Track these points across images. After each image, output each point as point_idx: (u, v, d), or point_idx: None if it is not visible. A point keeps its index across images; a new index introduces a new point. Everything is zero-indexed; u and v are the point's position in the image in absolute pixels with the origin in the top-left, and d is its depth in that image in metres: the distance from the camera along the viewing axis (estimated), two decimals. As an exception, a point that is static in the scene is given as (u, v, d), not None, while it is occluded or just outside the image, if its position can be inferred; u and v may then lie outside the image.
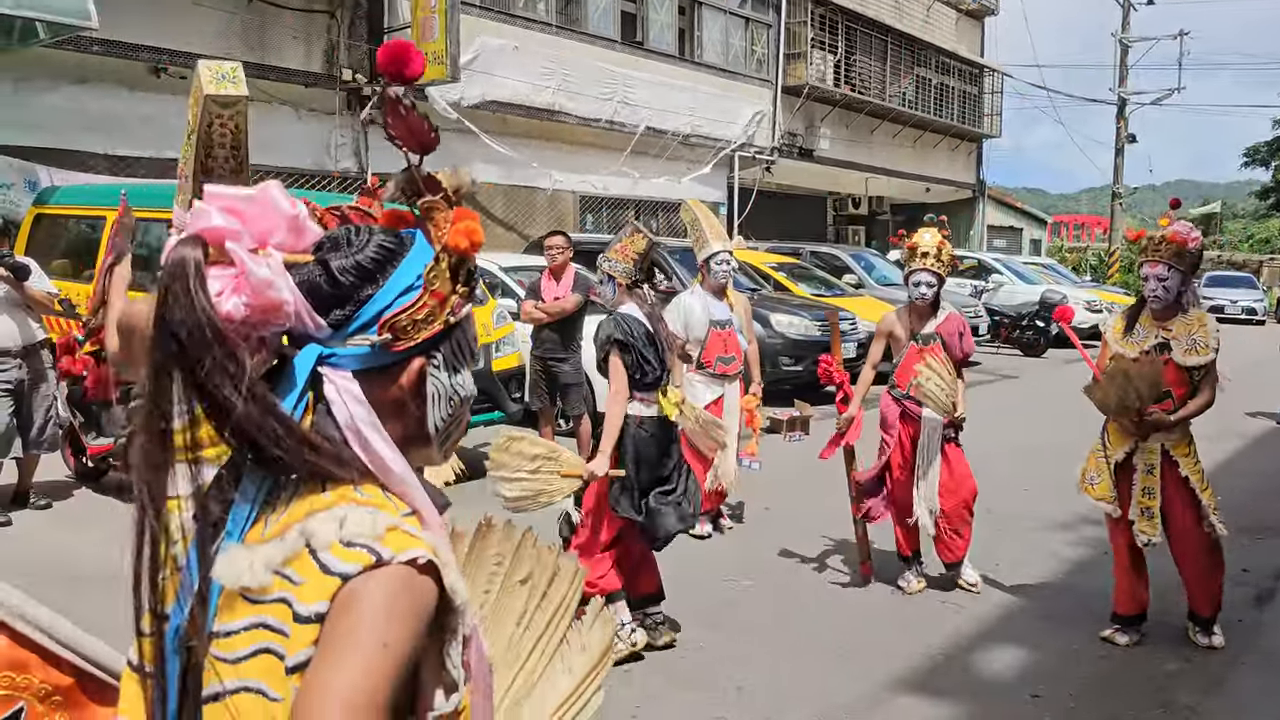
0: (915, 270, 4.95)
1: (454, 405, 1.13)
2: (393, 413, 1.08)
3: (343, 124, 12.08)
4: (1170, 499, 4.28)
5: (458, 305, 1.10)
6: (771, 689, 3.94)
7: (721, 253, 5.87)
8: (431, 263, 1.08)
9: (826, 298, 12.73)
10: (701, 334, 5.86)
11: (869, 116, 21.38)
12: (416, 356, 1.08)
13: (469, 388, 1.15)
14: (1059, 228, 50.02)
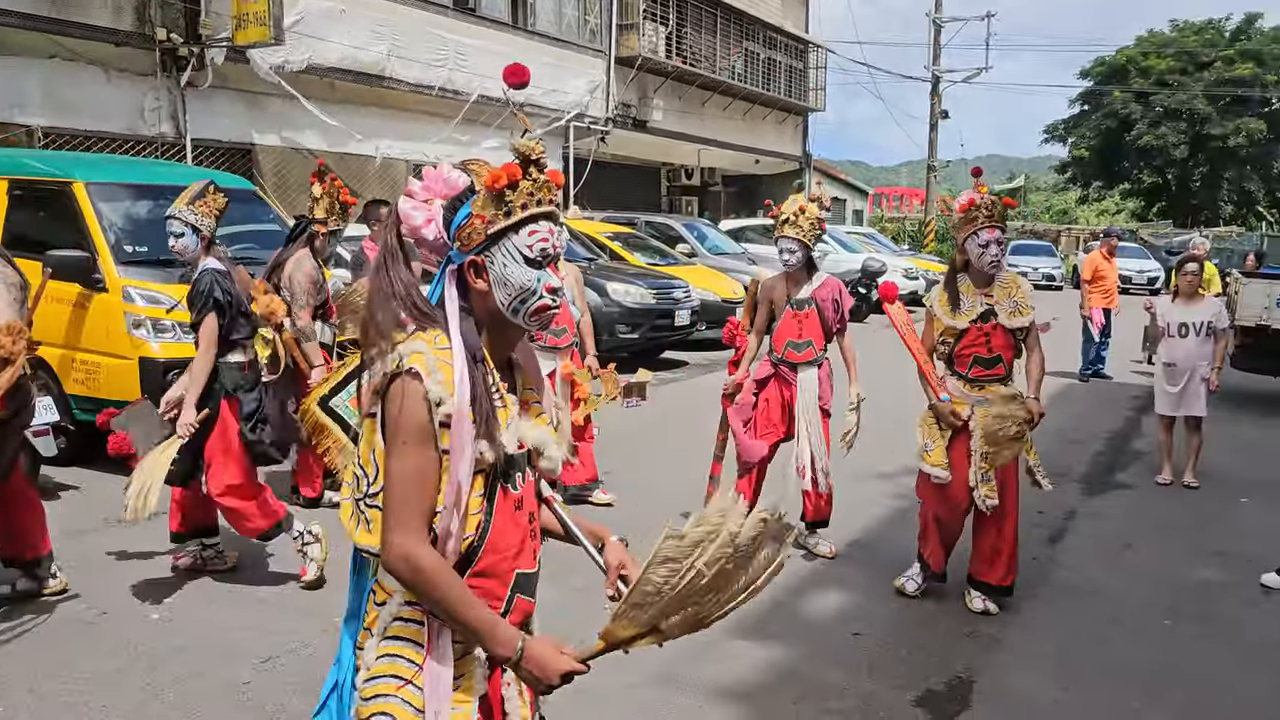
0: (779, 238, 5.08)
1: (511, 288, 1.74)
2: (475, 291, 1.76)
3: (159, 86, 11.42)
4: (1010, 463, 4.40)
5: (493, 222, 1.72)
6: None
7: None
8: (475, 198, 1.73)
9: (661, 267, 13.00)
10: None
11: (700, 89, 21.77)
12: (479, 255, 1.74)
13: (523, 277, 1.73)
14: (880, 199, 52.39)
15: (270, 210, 7.96)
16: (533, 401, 1.87)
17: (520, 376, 1.87)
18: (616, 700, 3.62)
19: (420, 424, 1.63)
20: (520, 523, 1.78)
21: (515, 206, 1.72)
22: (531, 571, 1.83)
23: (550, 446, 1.84)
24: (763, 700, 3.68)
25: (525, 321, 1.77)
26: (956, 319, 4.35)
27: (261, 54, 11.85)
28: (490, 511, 1.72)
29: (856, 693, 3.75)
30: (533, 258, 1.74)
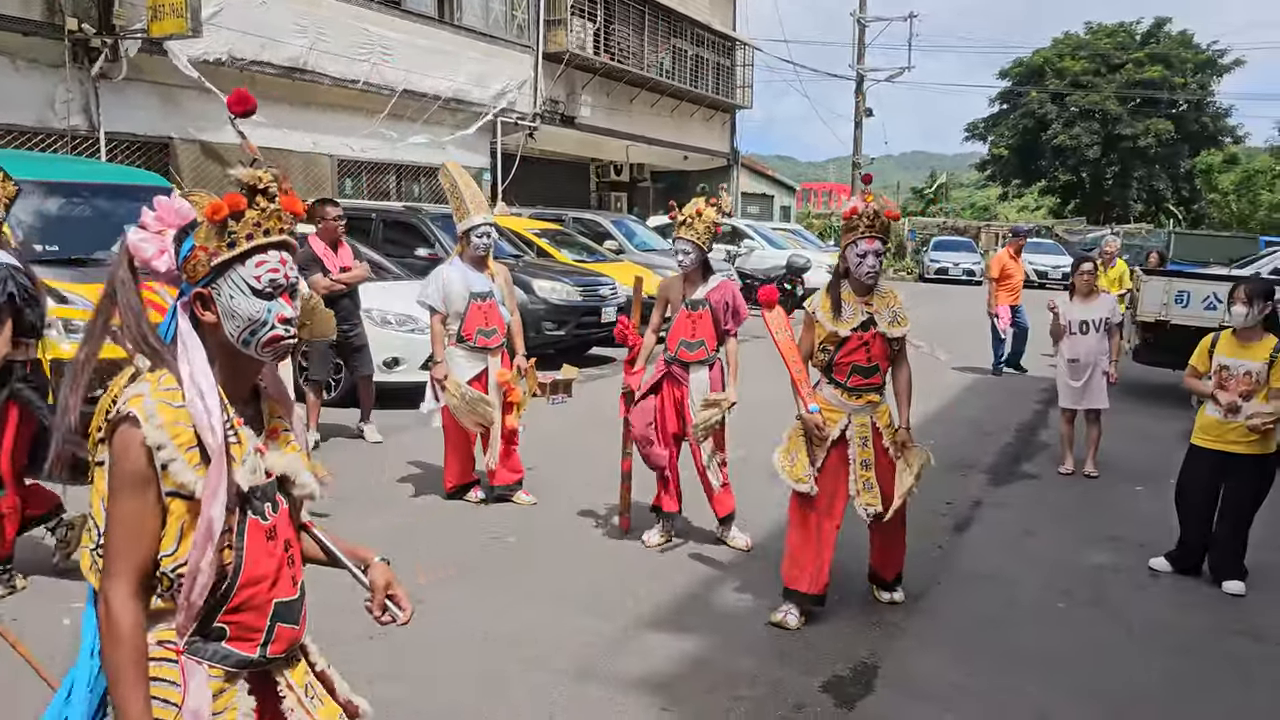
0: (675, 239, 5.19)
1: (239, 320, 1.72)
2: (209, 326, 1.73)
3: (70, 78, 11.14)
4: (880, 470, 4.37)
5: (215, 254, 1.70)
6: (518, 635, 4.18)
7: (482, 225, 5.71)
8: (198, 229, 1.71)
9: (588, 263, 13.06)
10: (461, 307, 5.72)
11: (628, 85, 21.87)
12: (204, 287, 1.71)
13: (249, 311, 1.72)
14: (808, 195, 53.09)
15: (187, 207, 7.84)
16: (282, 430, 1.87)
17: (268, 405, 1.87)
18: (531, 693, 3.70)
19: (135, 471, 1.61)
20: (274, 552, 1.78)
21: (240, 237, 1.71)
22: (292, 599, 1.83)
23: (301, 473, 1.85)
24: (676, 690, 3.79)
25: (258, 353, 1.75)
26: (839, 325, 4.26)
27: (180, 45, 11.64)
28: (241, 547, 1.72)
29: (767, 680, 3.89)
30: (261, 289, 1.72)
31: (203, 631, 1.71)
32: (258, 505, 1.76)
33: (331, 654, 2.74)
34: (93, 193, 7.09)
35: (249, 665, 1.76)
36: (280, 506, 1.82)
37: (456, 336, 5.77)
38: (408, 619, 2.00)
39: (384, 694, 3.65)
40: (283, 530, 1.82)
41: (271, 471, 1.80)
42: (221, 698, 1.72)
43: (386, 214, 11.54)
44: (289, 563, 1.83)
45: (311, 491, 1.88)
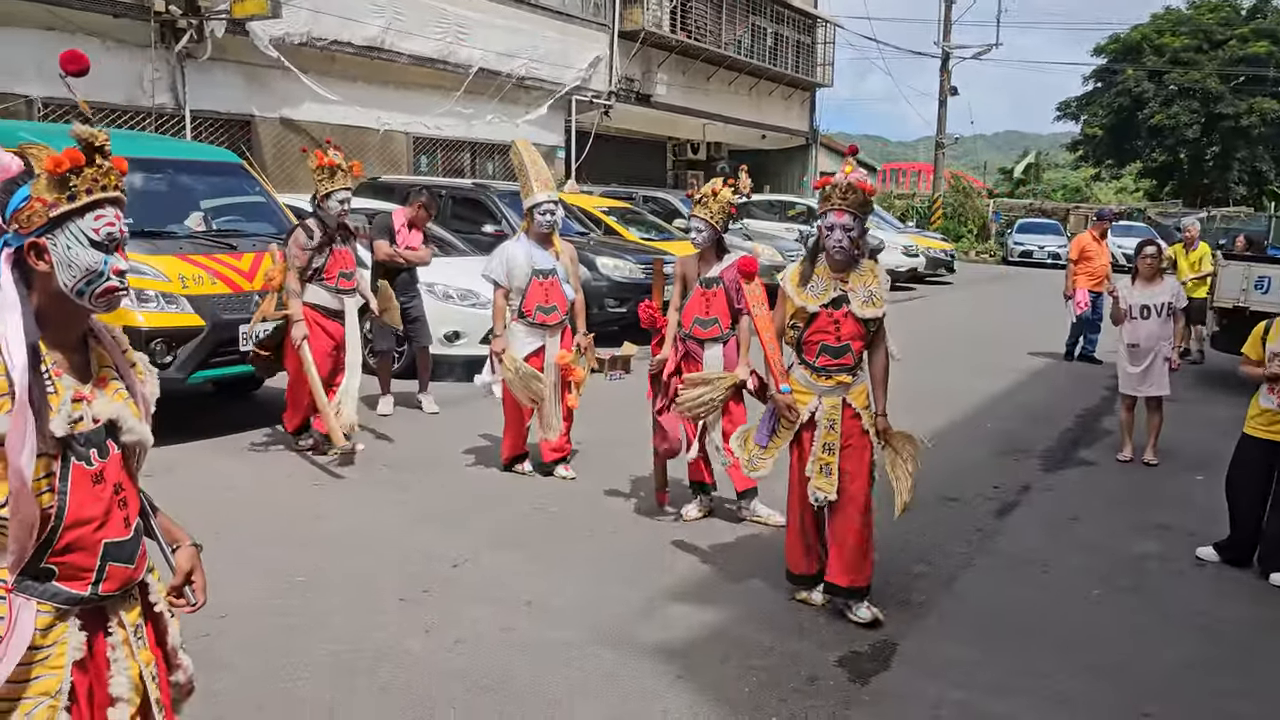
0: (691, 217, 5.30)
1: (76, 270, 1.78)
2: (41, 275, 1.79)
3: (157, 58, 11.59)
4: (849, 453, 4.17)
5: (55, 205, 1.76)
6: (558, 603, 4.31)
7: (546, 203, 5.75)
8: (35, 181, 1.77)
9: (655, 241, 13.12)
10: (523, 283, 5.76)
11: (705, 63, 21.80)
12: (39, 237, 1.77)
13: (87, 261, 1.79)
14: (895, 174, 52.16)
15: (256, 183, 8.13)
16: (110, 378, 1.92)
17: (96, 354, 1.92)
18: (547, 655, 3.82)
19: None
20: (102, 495, 1.85)
21: (80, 191, 1.77)
22: (124, 539, 1.90)
23: (127, 419, 1.90)
24: (692, 658, 3.87)
25: (91, 303, 1.82)
26: (805, 299, 4.10)
27: (261, 26, 12.01)
28: (65, 490, 1.79)
29: (782, 652, 3.94)
30: (99, 240, 1.80)
31: (31, 572, 1.78)
32: (81, 451, 1.82)
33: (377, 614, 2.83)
34: (168, 168, 7.40)
35: (80, 602, 1.84)
36: (111, 452, 1.88)
37: (517, 312, 5.84)
38: (194, 609, 2.12)
39: (415, 648, 3.83)
40: (112, 474, 1.88)
41: (99, 418, 1.85)
42: (52, 632, 1.80)
43: (455, 190, 11.76)
44: (120, 505, 1.90)
45: (139, 438, 1.93)
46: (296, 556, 4.70)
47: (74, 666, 1.83)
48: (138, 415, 1.94)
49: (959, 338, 13.13)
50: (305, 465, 6.17)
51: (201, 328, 6.36)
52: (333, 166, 6.09)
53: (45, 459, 1.76)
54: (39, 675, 1.79)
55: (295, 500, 5.54)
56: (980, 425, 8.02)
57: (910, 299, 18.06)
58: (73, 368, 1.85)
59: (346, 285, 6.29)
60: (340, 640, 3.87)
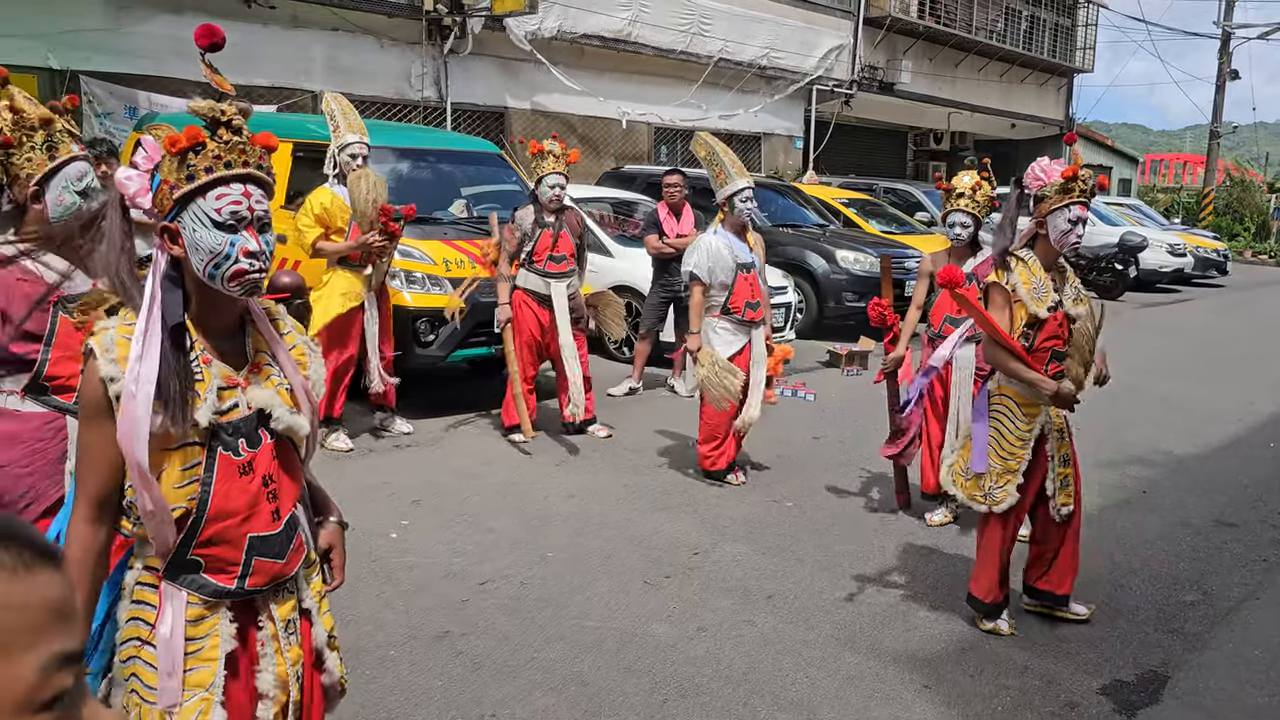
0: (951, 211, 5.03)
1: (202, 253, 1.72)
2: (183, 260, 1.75)
3: (425, 54, 12.38)
4: (1074, 463, 4.03)
5: (176, 186, 1.70)
6: (799, 600, 4.26)
7: (745, 189, 5.52)
8: (162, 163, 1.73)
9: (896, 235, 12.74)
10: (728, 278, 5.52)
11: (954, 49, 20.92)
12: (171, 221, 1.73)
13: (212, 241, 1.71)
14: (1157, 165, 48.23)
15: (513, 173, 8.51)
16: (265, 364, 1.85)
17: (253, 339, 1.87)
18: (793, 651, 3.78)
19: (93, 402, 1.68)
20: (249, 487, 1.78)
21: (199, 170, 1.69)
22: (271, 534, 1.82)
23: (278, 407, 1.82)
24: (939, 668, 3.72)
25: (224, 287, 1.74)
26: (1038, 305, 3.73)
27: (517, 22, 12.56)
28: (209, 481, 1.73)
29: (1039, 673, 3.72)
30: (222, 221, 1.71)
31: (178, 562, 1.75)
32: (228, 440, 1.76)
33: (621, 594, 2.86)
34: (434, 158, 7.87)
35: (229, 595, 1.79)
36: (263, 441, 1.81)
37: (722, 308, 5.59)
38: (333, 587, 2.08)
39: (659, 632, 3.89)
40: (262, 465, 1.81)
41: (250, 406, 1.79)
42: (203, 624, 1.77)
43: (696, 181, 11.85)
44: (269, 497, 1.82)
45: (289, 425, 1.84)
46: (545, 533, 4.89)
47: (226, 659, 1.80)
48: (290, 404, 1.85)
49: (1233, 348, 11.97)
50: (548, 443, 6.40)
51: (462, 309, 6.71)
52: (543, 151, 6.14)
53: (189, 449, 1.71)
54: (192, 668, 1.76)
55: (543, 479, 5.75)
56: (1262, 445, 7.26)
57: (1176, 301, 16.65)
58: (225, 354, 1.81)
59: (555, 269, 6.25)
60: (588, 617, 3.98)
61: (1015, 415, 3.85)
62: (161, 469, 1.69)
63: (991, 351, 3.80)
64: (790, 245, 11.02)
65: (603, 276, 8.99)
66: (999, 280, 3.78)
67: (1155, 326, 13.51)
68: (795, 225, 11.64)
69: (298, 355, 1.93)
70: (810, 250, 10.89)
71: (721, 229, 5.63)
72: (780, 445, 6.63)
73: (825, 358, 9.53)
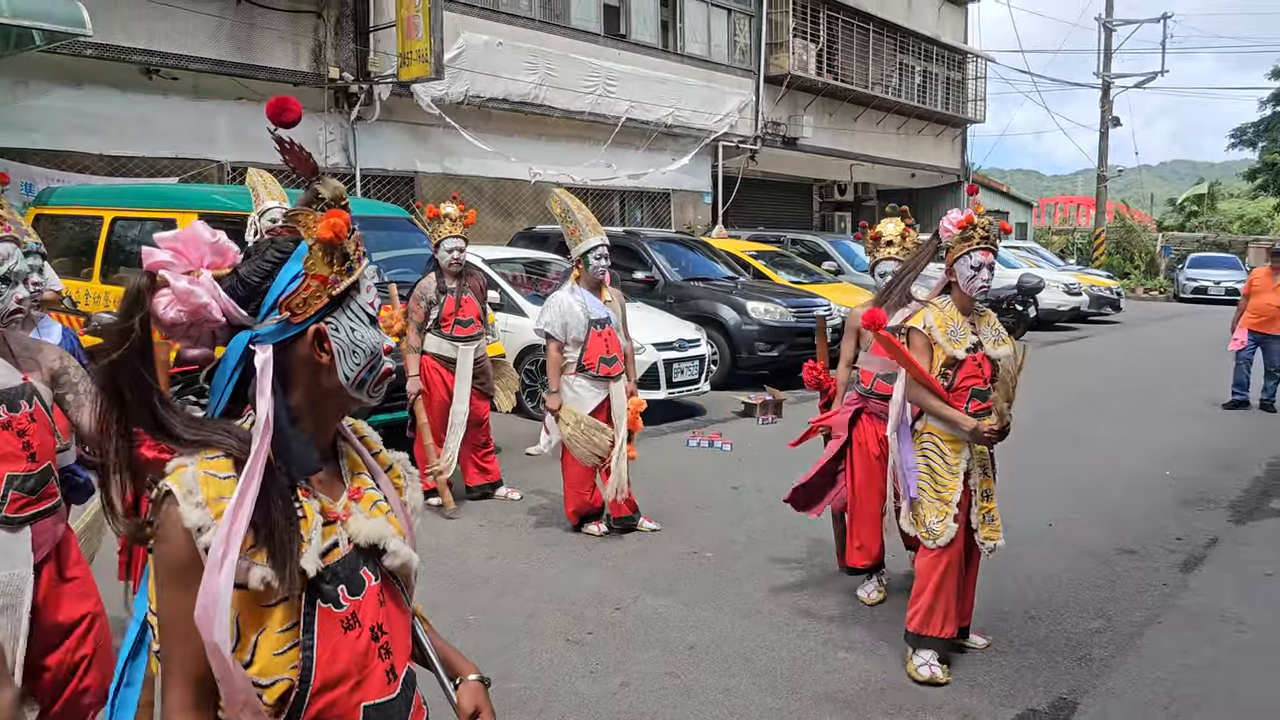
0: (881, 260, 4.81)
1: (361, 355, 1.44)
2: (306, 369, 1.42)
3: (331, 121, 12.38)
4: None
5: (335, 281, 1.42)
6: (721, 649, 4.30)
7: (599, 246, 5.55)
8: (307, 254, 1.41)
9: (805, 285, 13.05)
10: (581, 334, 5.54)
11: (852, 104, 21.67)
12: (315, 324, 1.41)
13: (373, 339, 1.45)
14: (1053, 209, 50.29)
15: (422, 236, 8.51)
16: (366, 487, 1.54)
17: (349, 458, 1.56)
18: (715, 701, 3.81)
19: (176, 560, 1.32)
20: (356, 645, 1.43)
21: (354, 259, 1.45)
22: (387, 699, 1.47)
23: (390, 539, 1.49)
24: (860, 706, 3.79)
25: (370, 392, 1.48)
26: (955, 347, 3.91)
27: (424, 88, 12.67)
28: (311, 644, 1.37)
29: (955, 707, 3.81)
30: (375, 315, 1.49)
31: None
32: (328, 590, 1.40)
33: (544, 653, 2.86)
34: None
35: None
36: (367, 584, 1.47)
37: (577, 366, 5.60)
38: None
39: (583, 689, 3.89)
40: (369, 614, 1.46)
41: (354, 539, 1.46)
42: None
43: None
44: (381, 654, 1.47)
45: (404, 560, 1.52)
46: (466, 596, 4.85)
47: None
48: (401, 533, 1.53)
49: (1129, 380, 12.50)
50: (469, 506, 6.37)
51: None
52: (439, 215, 6.14)
53: (285, 607, 1.35)
54: None
55: (463, 542, 5.72)
56: (1158, 474, 7.58)
57: (1074, 339, 17.32)
58: (322, 480, 1.48)
59: (462, 333, 6.25)
60: (511, 678, 3.96)
61: (943, 451, 3.97)
62: (257, 634, 1.34)
63: (914, 391, 3.92)
64: (702, 299, 11.22)
65: (517, 336, 9.04)
66: (916, 325, 3.95)
67: (1056, 364, 14.02)
68: (706, 279, 11.85)
69: (393, 477, 1.62)
70: (721, 303, 11.09)
71: (577, 286, 5.63)
72: (699, 496, 6.70)
73: (740, 408, 9.68)
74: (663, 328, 9.50)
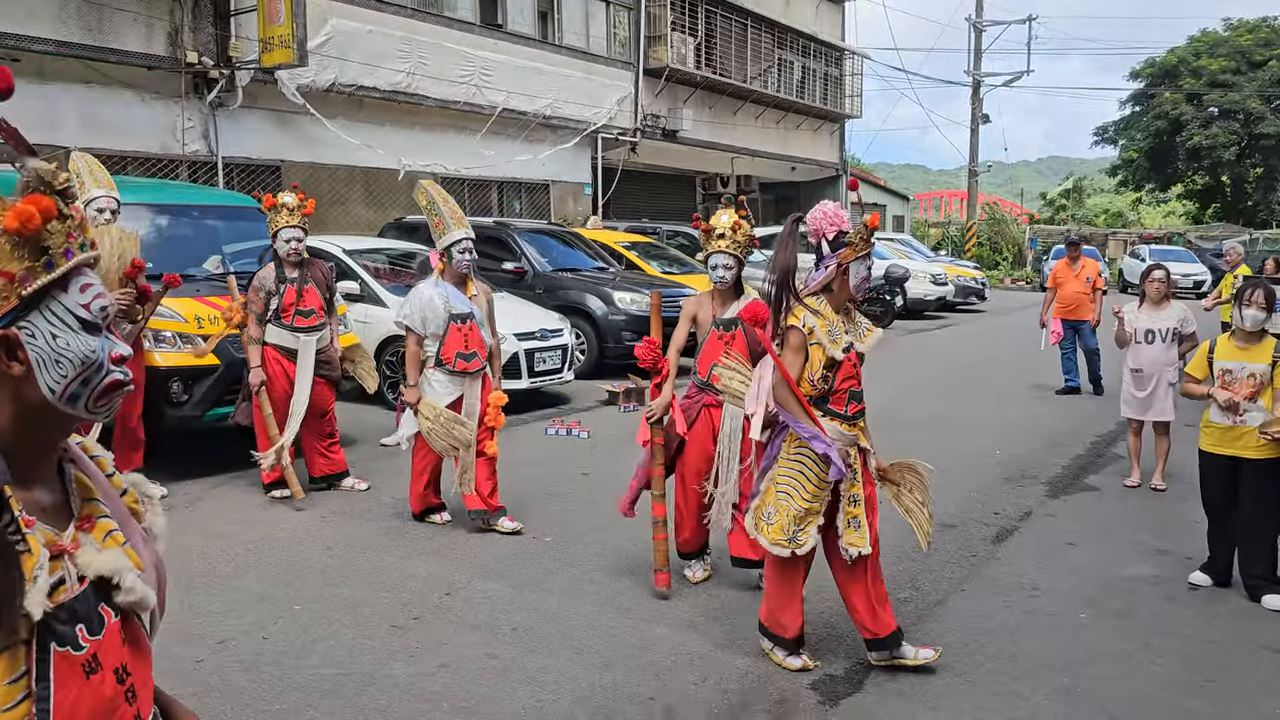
0: (712, 253, 4.74)
1: (68, 365, 1.22)
2: (8, 384, 1.22)
3: (190, 108, 12.04)
4: (869, 499, 4.01)
5: (26, 278, 1.20)
6: (542, 628, 4.42)
7: (463, 240, 5.52)
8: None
9: (676, 275, 13.28)
10: (440, 329, 5.52)
11: (732, 98, 22.03)
12: (8, 328, 1.20)
13: (83, 347, 1.23)
14: (937, 202, 52.01)
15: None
16: (98, 514, 1.32)
17: (78, 482, 1.34)
18: (531, 678, 3.93)
19: None
20: (100, 691, 1.25)
21: (57, 254, 1.23)
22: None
23: (126, 573, 1.29)
24: (668, 680, 3.95)
25: (90, 408, 1.26)
26: (834, 348, 3.82)
27: (289, 74, 12.42)
28: (46, 695, 1.19)
29: (757, 675, 4.01)
30: (91, 319, 1.26)
31: None
32: (64, 631, 1.22)
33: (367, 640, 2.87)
34: (190, 213, 7.71)
35: None
36: (107, 622, 1.28)
37: (435, 359, 5.58)
38: None
39: (399, 672, 3.96)
40: (111, 655, 1.28)
41: (86, 575, 1.26)
42: None
43: (476, 228, 11.99)
44: (128, 697, 1.29)
45: (140, 597, 1.31)
46: (296, 586, 4.86)
47: None
48: (140, 566, 1.34)
49: (983, 366, 13.11)
50: (315, 497, 6.34)
51: (217, 367, 6.60)
52: (277, 205, 6.09)
53: (9, 655, 1.16)
54: None
55: (300, 533, 5.70)
56: (989, 453, 8.01)
57: (940, 328, 18.02)
58: (47, 508, 1.27)
59: (303, 323, 6.21)
60: (328, 665, 4.00)
61: (816, 459, 3.84)
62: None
63: (782, 394, 3.81)
64: (571, 289, 11.33)
65: (377, 327, 9.00)
66: (795, 323, 3.82)
67: (916, 351, 14.58)
68: (574, 270, 11.96)
69: (130, 502, 1.42)
70: (589, 293, 11.22)
71: (441, 280, 5.61)
72: (549, 484, 6.81)
73: (605, 396, 9.82)
74: (526, 317, 9.57)
